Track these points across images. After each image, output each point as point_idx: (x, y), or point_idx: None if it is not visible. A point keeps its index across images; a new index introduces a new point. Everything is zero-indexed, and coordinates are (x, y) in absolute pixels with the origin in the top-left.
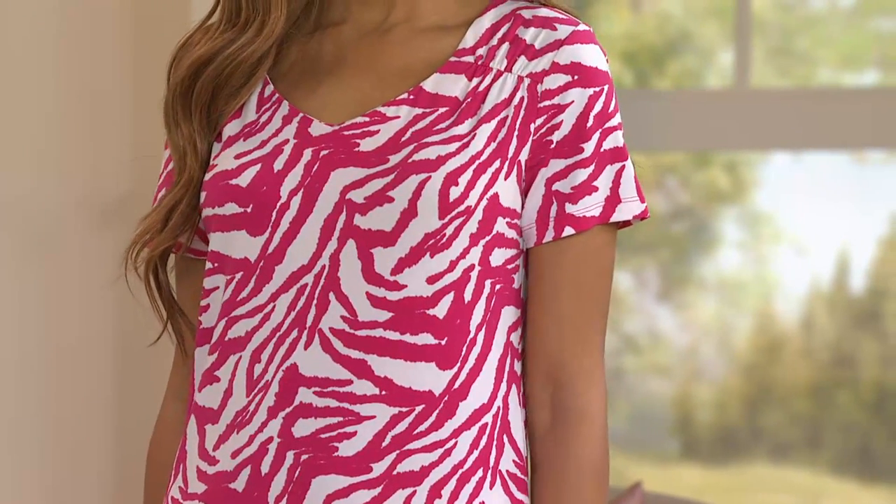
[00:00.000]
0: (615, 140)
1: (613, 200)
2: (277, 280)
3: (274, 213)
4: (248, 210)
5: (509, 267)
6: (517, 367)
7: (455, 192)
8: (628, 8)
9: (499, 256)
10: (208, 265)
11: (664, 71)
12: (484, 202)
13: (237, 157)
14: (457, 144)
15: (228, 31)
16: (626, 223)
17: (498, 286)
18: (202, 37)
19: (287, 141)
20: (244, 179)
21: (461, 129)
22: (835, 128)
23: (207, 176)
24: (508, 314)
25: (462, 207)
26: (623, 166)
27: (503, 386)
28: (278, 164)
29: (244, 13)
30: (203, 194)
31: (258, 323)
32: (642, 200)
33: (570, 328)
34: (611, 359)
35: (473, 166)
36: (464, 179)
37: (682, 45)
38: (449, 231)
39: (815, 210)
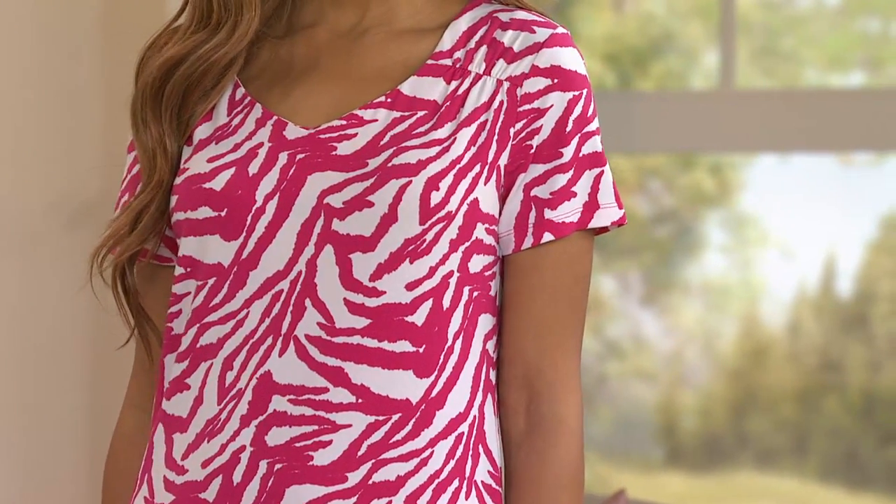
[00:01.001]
0: (594, 145)
1: (592, 206)
2: (251, 286)
3: (249, 218)
4: (223, 214)
5: (486, 274)
6: (492, 375)
7: (436, 198)
8: (610, 8)
9: (477, 263)
10: (179, 270)
11: (647, 72)
12: (464, 207)
13: (210, 160)
14: (437, 149)
15: (200, 32)
16: (603, 229)
17: (475, 293)
18: (171, 37)
19: (261, 144)
20: (218, 183)
21: (441, 133)
22: (821, 129)
23: (178, 180)
24: (485, 322)
25: (443, 213)
26: (602, 171)
27: (479, 395)
28: (253, 168)
29: (216, 14)
30: (174, 198)
31: (231, 330)
32: (620, 206)
33: (547, 335)
34: (594, 364)
35: (454, 171)
36: (444, 184)
37: (666, 45)
38: (429, 237)
39: (802, 213)
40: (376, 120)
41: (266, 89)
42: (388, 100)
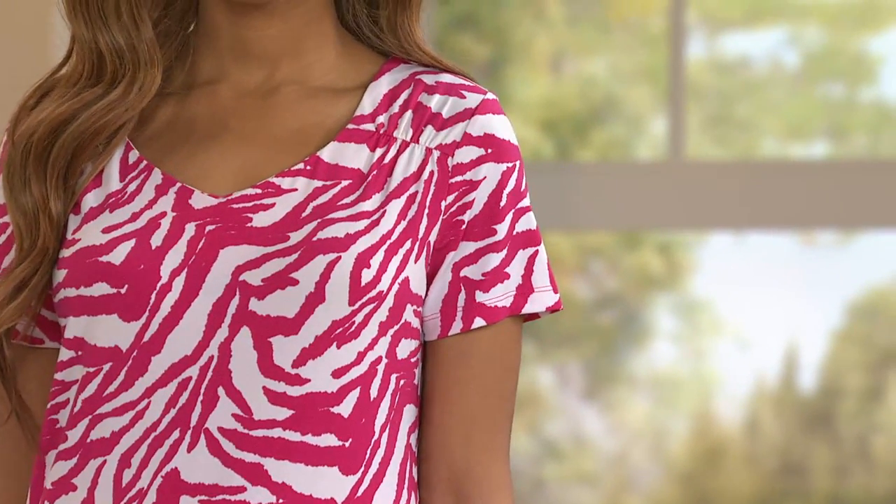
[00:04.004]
0: (528, 222)
1: (525, 290)
2: (154, 373)
3: (153, 296)
4: (122, 291)
5: (412, 360)
6: (415, 472)
7: (367, 276)
8: (548, 70)
9: (405, 348)
10: (66, 354)
11: (588, 141)
12: (396, 287)
13: (105, 230)
14: (365, 222)
15: (95, 87)
16: (534, 315)
17: (402, 381)
18: (54, 89)
19: (164, 214)
20: (117, 256)
21: (368, 204)
22: (780, 205)
23: (67, 252)
24: (409, 413)
25: (374, 293)
26: (536, 251)
27: (405, 494)
28: (156, 240)
29: (110, 67)
30: (62, 272)
31: (129, 422)
32: (555, 290)
33: (476, 431)
34: (530, 467)
35: (384, 247)
36: (375, 261)
37: (609, 111)
38: (358, 319)
39: (760, 298)
40: (295, 189)
41: (164, 152)
42: (308, 167)
